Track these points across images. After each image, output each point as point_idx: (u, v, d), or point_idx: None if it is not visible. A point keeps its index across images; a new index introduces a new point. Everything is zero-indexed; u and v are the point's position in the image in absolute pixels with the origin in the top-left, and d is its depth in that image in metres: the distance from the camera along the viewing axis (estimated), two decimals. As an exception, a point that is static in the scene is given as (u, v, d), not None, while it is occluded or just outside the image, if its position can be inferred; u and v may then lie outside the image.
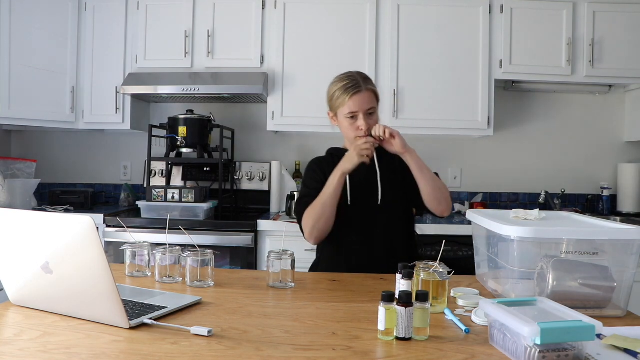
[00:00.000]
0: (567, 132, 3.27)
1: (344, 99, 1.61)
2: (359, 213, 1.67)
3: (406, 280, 1.14)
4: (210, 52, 2.93)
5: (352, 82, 1.62)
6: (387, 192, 1.68)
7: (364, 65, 2.85)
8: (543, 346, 0.84)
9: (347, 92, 1.61)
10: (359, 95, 1.61)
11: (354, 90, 1.60)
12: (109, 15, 3.00)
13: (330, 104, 1.70)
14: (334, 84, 1.67)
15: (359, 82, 1.62)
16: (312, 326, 1.08)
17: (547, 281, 1.13)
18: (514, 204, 3.25)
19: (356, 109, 1.61)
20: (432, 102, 2.89)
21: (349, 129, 1.65)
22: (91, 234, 0.98)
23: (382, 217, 1.68)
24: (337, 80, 1.67)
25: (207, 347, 0.95)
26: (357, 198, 1.68)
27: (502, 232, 1.20)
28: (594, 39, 2.85)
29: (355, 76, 1.65)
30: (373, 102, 1.65)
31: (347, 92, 1.61)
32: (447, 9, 2.88)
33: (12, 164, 3.06)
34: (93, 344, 0.95)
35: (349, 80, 1.63)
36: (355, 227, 1.67)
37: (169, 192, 2.70)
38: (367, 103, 1.62)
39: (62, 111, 2.98)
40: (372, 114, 1.64)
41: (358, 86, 1.61)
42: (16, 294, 1.17)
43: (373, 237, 1.67)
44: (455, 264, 1.34)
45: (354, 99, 1.60)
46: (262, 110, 3.16)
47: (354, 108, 1.61)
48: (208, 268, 1.39)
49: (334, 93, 1.65)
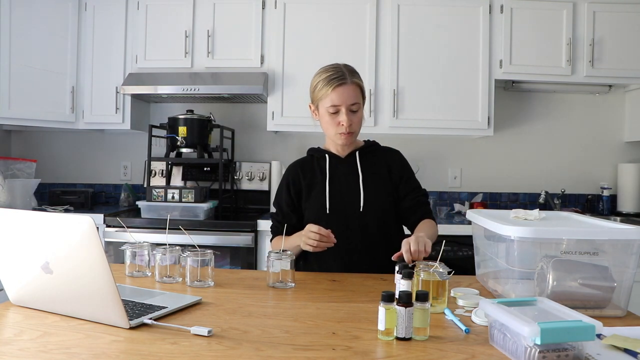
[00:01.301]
0: (567, 132, 3.27)
1: (327, 91, 1.51)
2: (338, 221, 1.57)
3: (406, 280, 1.14)
4: (210, 52, 2.93)
5: (336, 74, 1.51)
6: (370, 198, 1.60)
7: (364, 65, 2.85)
8: (543, 346, 0.84)
9: (330, 83, 1.50)
10: (343, 87, 1.50)
11: (338, 82, 1.49)
12: (109, 15, 3.00)
13: (312, 95, 1.58)
14: (318, 75, 1.56)
15: (344, 73, 1.51)
16: (312, 326, 1.08)
17: (547, 281, 1.13)
18: (514, 204, 3.25)
19: (339, 102, 1.50)
20: (432, 102, 2.89)
21: (329, 124, 1.55)
22: (91, 234, 0.98)
23: (363, 223, 1.59)
24: (322, 71, 1.55)
25: (207, 347, 0.95)
26: (336, 205, 1.60)
27: (502, 232, 1.20)
28: (594, 39, 2.85)
29: (341, 68, 1.53)
30: (358, 98, 1.53)
31: (331, 83, 1.50)
32: (447, 9, 2.88)
33: (12, 164, 3.06)
34: (93, 344, 0.95)
35: (333, 71, 1.52)
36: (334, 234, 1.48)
37: (169, 192, 2.70)
38: (351, 97, 1.51)
39: (62, 111, 2.98)
40: (356, 111, 1.54)
41: (343, 78, 1.50)
42: (16, 294, 1.17)
43: (352, 245, 1.57)
44: (455, 264, 1.34)
45: (337, 91, 1.49)
46: (262, 110, 3.16)
47: (337, 101, 1.50)
48: (208, 268, 1.39)
49: (317, 84, 1.54)
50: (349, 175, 1.63)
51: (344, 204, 1.61)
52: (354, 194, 1.61)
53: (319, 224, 1.48)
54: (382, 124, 2.90)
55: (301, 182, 1.66)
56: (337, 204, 1.61)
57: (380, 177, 1.63)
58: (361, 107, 1.56)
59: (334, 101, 1.51)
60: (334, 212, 1.60)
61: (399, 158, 1.71)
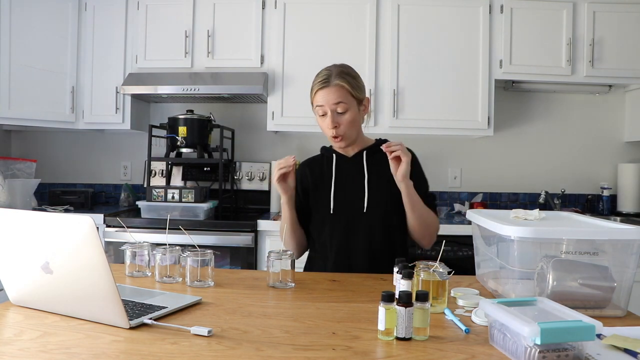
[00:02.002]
0: (567, 132, 3.27)
1: (313, 93, 1.58)
2: (341, 221, 1.61)
3: (406, 280, 1.14)
4: (210, 52, 2.93)
5: (322, 76, 1.56)
6: (374, 199, 1.60)
7: (364, 65, 2.85)
8: (543, 346, 0.84)
9: (315, 86, 1.57)
10: (325, 89, 1.54)
11: (320, 85, 1.55)
12: (109, 15, 3.00)
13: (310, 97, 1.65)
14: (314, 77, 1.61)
15: (329, 76, 1.54)
16: (312, 326, 1.08)
17: (547, 281, 1.13)
18: (514, 204, 3.25)
19: (322, 103, 1.55)
20: (432, 102, 2.89)
21: (321, 126, 1.61)
22: (91, 234, 0.98)
23: (365, 224, 1.60)
24: (317, 73, 1.61)
25: (207, 347, 0.95)
26: (340, 205, 1.62)
27: (502, 232, 1.19)
28: (594, 39, 2.85)
29: (331, 70, 1.57)
30: (341, 98, 1.53)
31: (315, 86, 1.57)
32: (447, 9, 2.88)
33: (12, 164, 3.06)
34: (93, 344, 0.95)
35: (322, 74, 1.57)
36: (337, 235, 1.60)
37: (169, 192, 2.70)
38: (333, 98, 1.53)
39: (62, 111, 2.98)
40: (343, 112, 1.55)
41: (326, 81, 1.54)
42: (16, 294, 1.17)
43: (353, 245, 1.60)
44: (455, 264, 1.34)
45: (319, 94, 1.55)
46: (262, 110, 3.16)
47: (320, 102, 1.55)
48: (208, 268, 1.39)
49: (312, 86, 1.60)
50: (354, 176, 1.64)
51: (347, 205, 1.62)
52: (358, 194, 1.61)
53: (324, 224, 1.58)
54: (382, 124, 2.90)
55: (308, 180, 1.69)
56: (341, 205, 1.62)
57: (386, 178, 1.59)
58: (351, 108, 1.56)
59: (318, 102, 1.56)
60: (338, 213, 1.61)
61: None
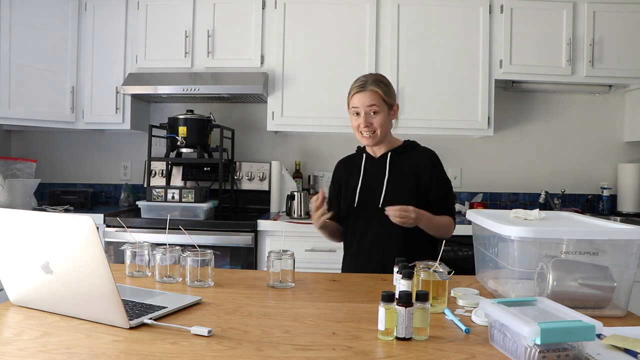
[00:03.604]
0: (567, 132, 3.27)
1: (350, 96, 1.77)
2: (361, 215, 1.78)
3: (406, 280, 1.14)
4: (210, 52, 2.93)
5: (359, 82, 1.76)
6: (390, 196, 1.73)
7: (364, 65, 2.85)
8: (543, 346, 0.84)
9: (353, 89, 1.77)
10: (361, 94, 1.73)
11: (357, 90, 1.74)
12: (109, 15, 3.00)
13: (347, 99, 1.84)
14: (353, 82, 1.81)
15: (366, 82, 1.74)
16: (312, 326, 1.08)
17: (547, 281, 1.13)
18: (514, 204, 3.25)
19: (357, 105, 1.74)
20: (432, 102, 2.88)
21: (353, 126, 1.79)
22: (91, 234, 0.98)
23: (380, 218, 1.67)
24: (355, 79, 1.81)
25: (207, 347, 0.95)
26: (363, 200, 1.78)
27: (502, 232, 1.20)
28: (594, 39, 2.85)
29: (368, 77, 1.77)
30: (375, 101, 1.72)
31: (353, 89, 1.76)
32: (447, 9, 2.88)
33: (12, 164, 3.06)
34: (93, 344, 0.95)
35: (360, 80, 1.77)
36: (359, 229, 1.78)
37: (169, 192, 2.70)
38: (367, 101, 1.72)
39: (62, 111, 2.97)
40: (376, 112, 1.73)
41: (362, 86, 1.74)
42: (16, 294, 1.17)
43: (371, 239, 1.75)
44: (455, 264, 1.34)
45: (356, 97, 1.74)
46: (262, 110, 3.16)
47: (356, 104, 1.74)
48: (208, 268, 1.39)
49: (349, 90, 1.79)
50: (378, 175, 1.79)
51: (368, 200, 1.78)
52: (377, 191, 1.76)
53: (349, 215, 1.80)
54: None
55: (342, 177, 1.89)
56: (363, 200, 1.78)
57: (404, 178, 1.76)
58: (382, 110, 1.73)
59: (354, 104, 1.76)
60: (360, 207, 1.78)
61: (430, 160, 1.80)
